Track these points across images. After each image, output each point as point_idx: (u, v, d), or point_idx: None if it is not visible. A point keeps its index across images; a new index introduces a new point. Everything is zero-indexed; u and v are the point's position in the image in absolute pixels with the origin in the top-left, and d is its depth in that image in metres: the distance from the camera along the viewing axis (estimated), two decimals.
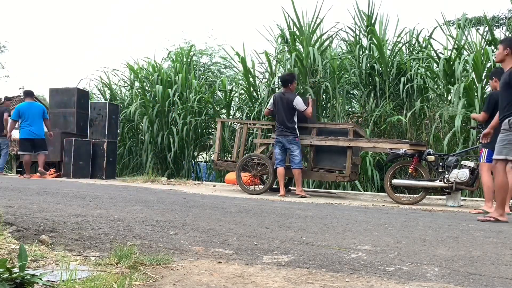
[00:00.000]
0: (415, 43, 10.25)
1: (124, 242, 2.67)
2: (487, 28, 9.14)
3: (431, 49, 9.76)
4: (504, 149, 4.16)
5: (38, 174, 9.14)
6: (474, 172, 5.91)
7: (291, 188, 7.48)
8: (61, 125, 10.05)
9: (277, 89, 10.09)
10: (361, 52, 9.87)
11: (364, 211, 4.83)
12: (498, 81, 5.05)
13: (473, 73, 8.16)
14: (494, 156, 4.25)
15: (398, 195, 6.54)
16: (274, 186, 7.54)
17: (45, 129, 9.06)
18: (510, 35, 8.82)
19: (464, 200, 6.72)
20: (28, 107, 8.90)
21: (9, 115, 9.52)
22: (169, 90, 11.12)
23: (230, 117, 11.66)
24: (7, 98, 10.52)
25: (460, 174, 5.88)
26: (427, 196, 6.59)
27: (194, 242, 2.80)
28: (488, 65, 8.12)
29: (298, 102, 6.59)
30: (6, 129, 9.43)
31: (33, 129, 8.80)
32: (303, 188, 7.11)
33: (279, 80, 6.94)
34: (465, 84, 7.99)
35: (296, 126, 6.61)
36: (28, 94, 9.30)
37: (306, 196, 6.50)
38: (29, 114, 8.80)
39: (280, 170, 6.61)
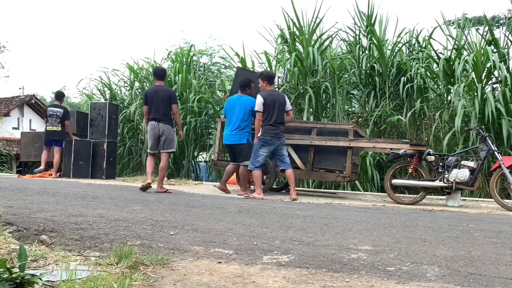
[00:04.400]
0: (415, 43, 10.25)
1: (124, 242, 2.67)
2: (487, 28, 9.13)
3: (431, 49, 9.75)
4: None
5: (37, 174, 9.20)
6: (474, 172, 5.91)
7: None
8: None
9: (277, 89, 10.09)
10: (361, 52, 9.87)
11: (364, 211, 4.83)
12: None
13: (473, 73, 8.15)
14: None
15: (398, 195, 6.54)
16: (274, 186, 7.54)
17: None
18: (510, 35, 8.82)
19: (464, 200, 6.72)
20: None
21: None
22: None
23: None
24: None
25: (460, 174, 5.87)
26: (427, 196, 6.58)
27: (194, 242, 2.80)
28: (488, 65, 8.11)
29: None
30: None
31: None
32: (304, 188, 7.11)
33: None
34: (465, 84, 8.00)
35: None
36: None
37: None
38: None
39: (256, 173, 6.21)
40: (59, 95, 9.72)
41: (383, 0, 19.10)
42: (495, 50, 8.34)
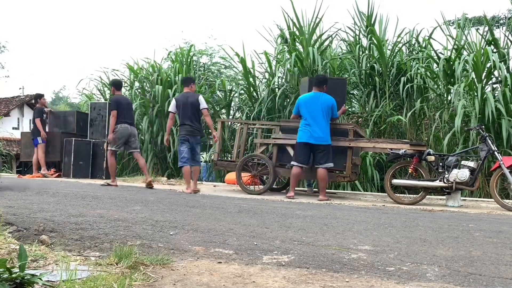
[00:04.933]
0: (415, 43, 10.24)
1: (124, 242, 2.67)
2: (487, 28, 9.13)
3: (431, 49, 9.74)
4: None
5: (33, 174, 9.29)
6: (474, 172, 5.91)
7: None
8: (61, 125, 10.08)
9: (277, 89, 10.10)
10: (361, 52, 9.87)
11: (364, 211, 4.83)
12: None
13: (473, 73, 8.15)
14: None
15: (398, 195, 6.53)
16: (274, 186, 7.54)
17: None
18: (510, 35, 8.82)
19: (464, 200, 6.72)
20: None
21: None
22: (169, 90, 11.11)
23: (230, 117, 11.65)
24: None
25: (460, 174, 5.87)
26: (427, 196, 6.58)
27: (194, 242, 2.80)
28: (488, 65, 8.11)
29: (202, 101, 6.90)
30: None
31: None
32: (304, 188, 7.11)
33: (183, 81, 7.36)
34: (465, 84, 7.99)
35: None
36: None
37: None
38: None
39: (187, 168, 6.77)
40: (34, 98, 10.33)
41: (383, 0, 19.10)
42: (495, 50, 8.33)
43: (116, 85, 7.73)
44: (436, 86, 9.42)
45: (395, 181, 6.25)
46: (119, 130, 7.18)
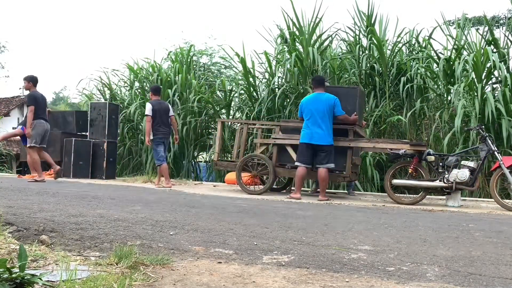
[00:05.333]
0: (415, 43, 10.24)
1: (124, 242, 2.67)
2: (487, 28, 9.13)
3: (431, 49, 9.74)
4: None
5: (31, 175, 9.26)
6: (474, 172, 5.91)
7: (293, 188, 7.46)
8: (61, 125, 10.10)
9: (277, 89, 10.10)
10: (361, 52, 9.87)
11: (364, 211, 4.83)
12: None
13: (473, 73, 8.15)
14: None
15: (398, 195, 6.53)
16: (274, 186, 7.54)
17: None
18: (510, 35, 8.82)
19: (464, 200, 6.72)
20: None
21: None
22: (169, 90, 11.12)
23: (230, 117, 11.65)
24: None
25: (460, 174, 5.87)
26: (427, 196, 6.58)
27: (194, 242, 2.80)
28: (488, 65, 8.11)
29: (171, 108, 8.02)
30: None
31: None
32: (304, 188, 7.13)
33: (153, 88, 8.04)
34: (465, 84, 7.99)
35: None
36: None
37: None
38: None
39: (165, 166, 7.72)
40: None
41: (383, 0, 19.09)
42: (495, 50, 8.33)
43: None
44: (436, 86, 9.42)
45: (395, 181, 6.25)
46: (38, 125, 7.59)
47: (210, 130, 11.89)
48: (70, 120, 10.19)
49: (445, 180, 5.94)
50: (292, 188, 7.36)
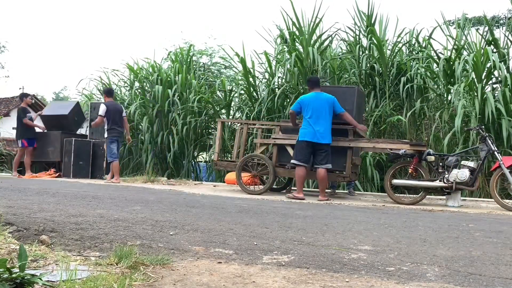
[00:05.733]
0: (415, 43, 10.23)
1: (124, 242, 2.67)
2: (487, 28, 9.13)
3: (431, 49, 9.74)
4: None
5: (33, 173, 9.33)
6: (474, 172, 5.91)
7: (293, 188, 7.47)
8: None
9: (277, 89, 10.10)
10: (361, 52, 9.87)
11: (364, 211, 4.83)
12: None
13: (473, 73, 8.15)
14: None
15: (398, 195, 6.53)
16: (274, 186, 7.54)
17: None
18: (510, 35, 8.82)
19: (464, 200, 6.72)
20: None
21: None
22: (169, 90, 11.12)
23: (230, 117, 11.65)
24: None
25: (460, 174, 5.87)
26: (427, 196, 6.58)
27: (194, 242, 2.80)
28: (488, 65, 8.11)
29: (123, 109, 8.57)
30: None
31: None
32: (304, 188, 7.12)
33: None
34: (465, 84, 7.99)
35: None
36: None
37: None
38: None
39: (117, 163, 8.35)
40: (20, 97, 10.46)
41: (383, 0, 19.10)
42: (495, 50, 8.33)
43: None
44: (436, 86, 9.43)
45: (395, 181, 6.25)
46: None
47: (210, 130, 11.89)
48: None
49: (445, 180, 5.94)
50: (293, 188, 7.36)
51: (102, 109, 8.21)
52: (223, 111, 11.69)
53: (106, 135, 8.31)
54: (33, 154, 9.61)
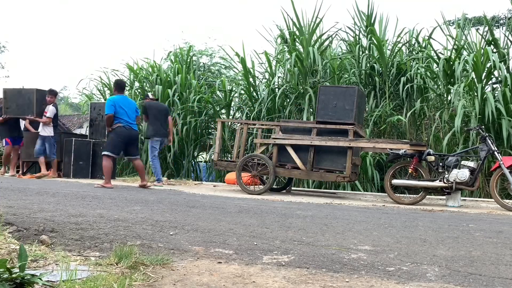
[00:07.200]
0: (414, 43, 10.24)
1: (124, 242, 2.67)
2: (487, 28, 9.13)
3: (431, 49, 9.74)
4: None
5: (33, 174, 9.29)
6: (474, 172, 5.91)
7: (293, 188, 7.48)
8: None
9: (277, 89, 10.10)
10: (361, 52, 9.87)
11: (364, 211, 4.83)
12: None
13: (473, 73, 8.15)
14: None
15: (398, 195, 6.54)
16: (274, 186, 7.54)
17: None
18: (510, 35, 8.82)
19: (464, 200, 6.72)
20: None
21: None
22: (169, 90, 11.12)
23: (230, 117, 11.65)
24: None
25: (460, 174, 5.87)
26: (427, 196, 6.58)
27: (194, 242, 2.80)
28: (488, 65, 8.11)
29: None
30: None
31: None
32: (304, 188, 7.12)
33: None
34: (465, 84, 7.99)
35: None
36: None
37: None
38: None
39: (55, 161, 9.07)
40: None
41: (383, 0, 19.09)
42: (495, 50, 8.33)
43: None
44: (436, 86, 9.42)
45: (395, 181, 6.25)
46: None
47: (210, 130, 11.89)
48: (30, 99, 9.31)
49: (445, 180, 5.94)
50: (293, 188, 7.37)
51: (51, 111, 8.74)
52: (223, 111, 11.69)
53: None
54: (19, 153, 9.58)
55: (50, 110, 8.79)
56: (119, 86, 7.28)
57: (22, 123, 9.75)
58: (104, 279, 1.90)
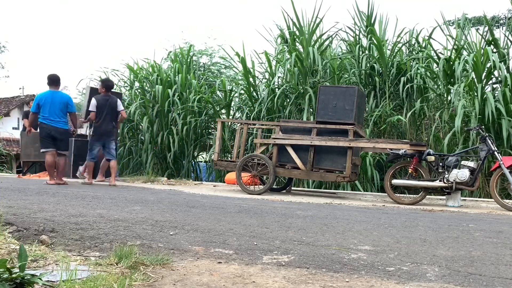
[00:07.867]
0: (414, 43, 10.24)
1: (124, 242, 2.67)
2: (487, 28, 9.13)
3: (431, 49, 9.74)
4: None
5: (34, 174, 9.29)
6: (474, 172, 5.91)
7: (293, 189, 7.48)
8: None
9: (277, 89, 10.10)
10: (361, 52, 9.87)
11: (364, 211, 4.83)
12: None
13: (473, 73, 8.15)
14: None
15: (398, 195, 6.53)
16: (274, 186, 7.54)
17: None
18: (510, 35, 8.82)
19: (464, 200, 6.72)
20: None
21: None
22: (169, 90, 11.12)
23: (230, 117, 11.65)
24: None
25: (460, 174, 5.87)
26: (427, 196, 6.58)
27: (194, 242, 2.80)
28: (488, 65, 8.11)
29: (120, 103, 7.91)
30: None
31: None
32: (304, 188, 7.12)
33: (106, 84, 7.85)
34: (465, 84, 7.99)
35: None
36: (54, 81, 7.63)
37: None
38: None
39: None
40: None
41: (383, 0, 19.09)
42: (495, 50, 8.33)
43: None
44: (436, 86, 9.42)
45: (395, 181, 6.25)
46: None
47: (210, 130, 11.89)
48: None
49: (445, 180, 5.94)
50: (293, 188, 7.37)
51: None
52: (223, 111, 11.69)
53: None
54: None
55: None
56: (50, 80, 7.43)
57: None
58: (104, 279, 1.90)
